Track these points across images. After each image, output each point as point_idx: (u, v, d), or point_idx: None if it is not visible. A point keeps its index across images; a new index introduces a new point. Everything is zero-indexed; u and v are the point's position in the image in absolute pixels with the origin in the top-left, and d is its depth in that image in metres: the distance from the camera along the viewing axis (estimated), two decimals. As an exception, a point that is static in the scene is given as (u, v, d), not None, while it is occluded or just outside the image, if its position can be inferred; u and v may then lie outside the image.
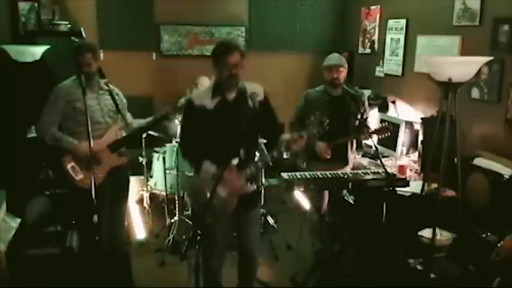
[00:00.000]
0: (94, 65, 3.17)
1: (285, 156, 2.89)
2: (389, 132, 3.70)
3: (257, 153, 3.09)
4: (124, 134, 3.33)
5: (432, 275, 3.12)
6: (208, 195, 2.58)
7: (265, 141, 3.28)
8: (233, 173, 2.68)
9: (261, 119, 2.79)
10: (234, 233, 3.11)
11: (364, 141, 4.31)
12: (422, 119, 4.17)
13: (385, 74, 5.38)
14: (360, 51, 5.90)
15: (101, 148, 3.14)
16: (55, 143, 3.14)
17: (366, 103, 3.92)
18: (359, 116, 3.75)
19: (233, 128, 2.71)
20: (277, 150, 2.69)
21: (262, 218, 4.65)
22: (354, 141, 3.90)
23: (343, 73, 3.70)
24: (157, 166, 4.81)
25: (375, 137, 3.75)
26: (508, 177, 3.19)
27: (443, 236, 3.30)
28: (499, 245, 2.76)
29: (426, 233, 3.32)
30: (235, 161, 2.67)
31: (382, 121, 4.80)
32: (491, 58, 3.17)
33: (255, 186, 2.79)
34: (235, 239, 3.13)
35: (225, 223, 2.87)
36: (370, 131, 3.62)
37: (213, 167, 2.69)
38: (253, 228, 3.03)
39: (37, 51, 3.98)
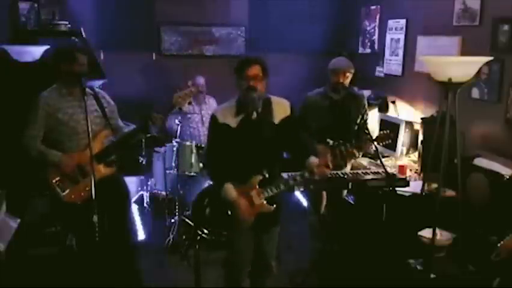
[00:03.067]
0: (85, 66, 3.06)
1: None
2: (391, 140, 3.65)
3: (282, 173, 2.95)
4: (113, 140, 3.21)
5: (432, 275, 3.12)
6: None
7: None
8: (254, 190, 2.67)
9: (285, 136, 2.77)
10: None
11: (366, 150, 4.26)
12: (422, 119, 4.17)
13: (385, 74, 5.38)
14: (360, 51, 5.89)
15: (87, 159, 2.85)
16: (40, 156, 3.06)
17: (367, 106, 3.89)
18: (358, 120, 3.73)
19: (256, 147, 2.69)
20: (301, 175, 2.69)
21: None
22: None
23: (350, 77, 3.67)
24: (157, 166, 4.81)
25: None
26: (508, 177, 3.19)
27: (443, 236, 3.30)
28: (499, 245, 2.76)
29: (426, 233, 3.31)
30: (258, 178, 2.68)
31: (382, 121, 4.81)
32: (491, 58, 3.16)
33: (274, 206, 2.75)
34: None
35: (246, 238, 2.86)
36: (370, 138, 3.56)
37: (233, 193, 2.68)
38: (272, 243, 3.01)
39: (37, 51, 3.98)
